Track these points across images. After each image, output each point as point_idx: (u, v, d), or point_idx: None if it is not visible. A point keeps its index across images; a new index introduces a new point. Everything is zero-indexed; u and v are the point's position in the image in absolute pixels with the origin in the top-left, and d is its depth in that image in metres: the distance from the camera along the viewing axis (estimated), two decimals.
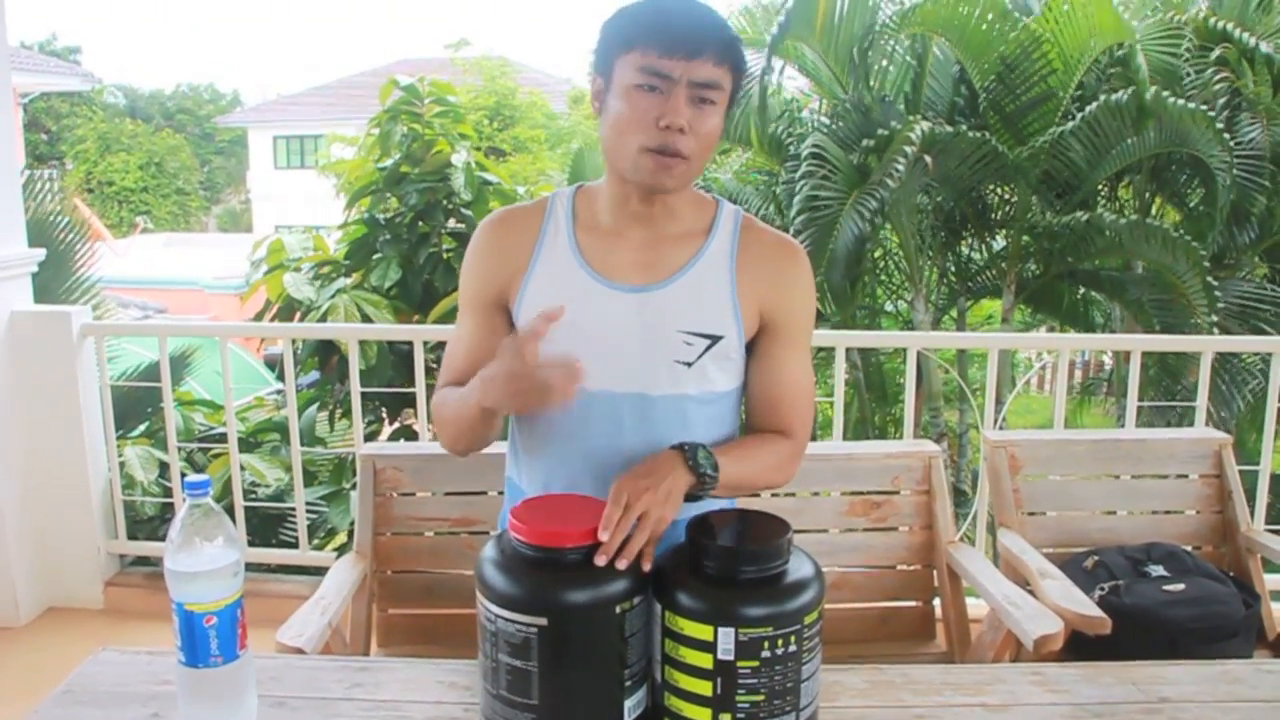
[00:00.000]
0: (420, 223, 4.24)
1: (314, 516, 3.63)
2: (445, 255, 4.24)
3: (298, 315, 4.05)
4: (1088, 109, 5.83)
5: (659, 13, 1.32)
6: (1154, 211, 6.81)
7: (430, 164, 4.21)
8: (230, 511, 3.33)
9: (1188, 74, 6.08)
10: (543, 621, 1.12)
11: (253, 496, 3.59)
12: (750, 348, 1.47)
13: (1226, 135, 5.57)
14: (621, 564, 1.16)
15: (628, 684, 1.17)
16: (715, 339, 1.40)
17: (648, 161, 1.32)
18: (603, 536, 1.17)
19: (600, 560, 1.15)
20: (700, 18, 1.32)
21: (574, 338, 1.39)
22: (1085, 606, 1.87)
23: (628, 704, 1.17)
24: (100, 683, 1.35)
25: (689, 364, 1.40)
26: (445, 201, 4.24)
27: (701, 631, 1.13)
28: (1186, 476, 2.44)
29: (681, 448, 1.32)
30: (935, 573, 2.22)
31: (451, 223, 4.29)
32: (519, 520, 1.18)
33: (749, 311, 1.43)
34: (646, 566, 1.18)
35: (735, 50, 1.33)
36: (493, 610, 1.15)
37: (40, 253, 3.28)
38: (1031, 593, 1.95)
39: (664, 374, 1.40)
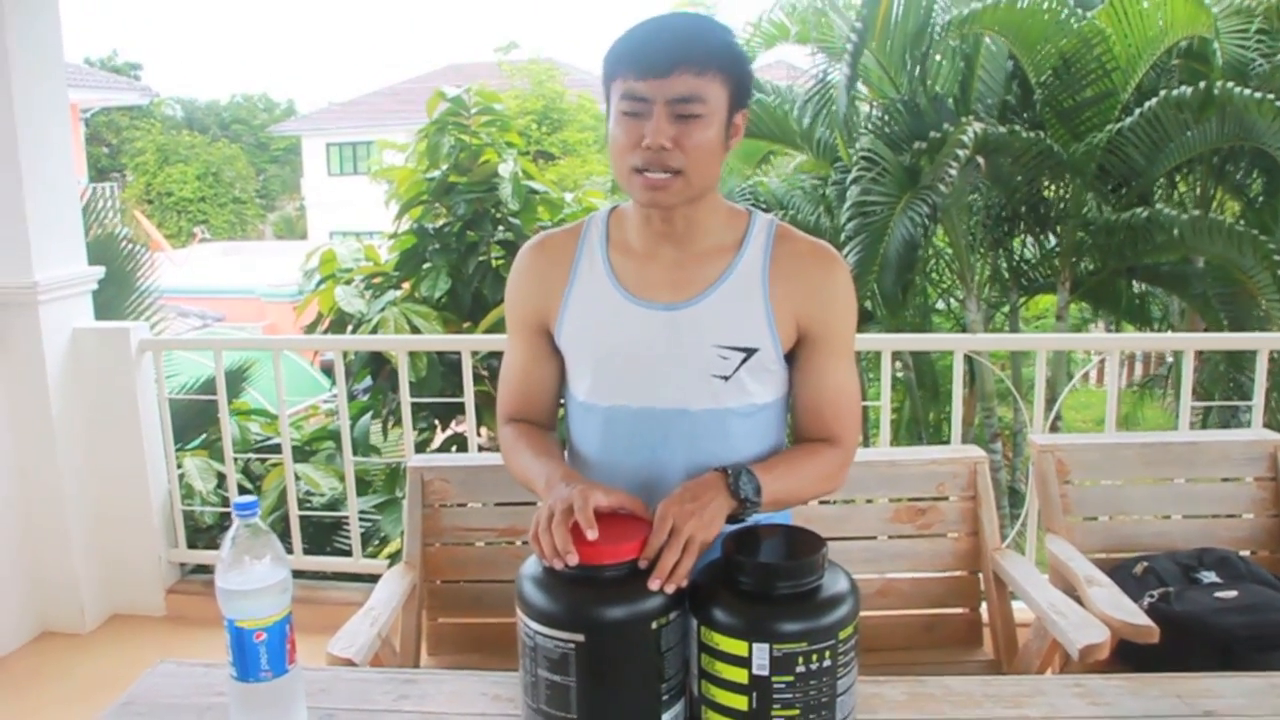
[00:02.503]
0: (469, 232, 4.28)
1: (367, 525, 3.69)
2: (495, 264, 4.28)
3: (349, 327, 4.12)
4: (1147, 104, 5.71)
5: (637, 38, 1.33)
6: (1215, 204, 6.67)
7: (478, 174, 4.26)
8: (285, 521, 3.40)
9: (1255, 63, 5.93)
10: (580, 638, 1.15)
11: (308, 505, 3.65)
12: (792, 358, 1.47)
13: None
14: (670, 588, 1.17)
15: (665, 698, 1.19)
16: (750, 351, 1.41)
17: (639, 181, 1.33)
18: (643, 564, 1.19)
19: (654, 584, 1.17)
20: (677, 33, 1.32)
21: (612, 357, 1.43)
22: (1133, 615, 1.84)
23: (665, 717, 1.19)
24: (158, 695, 1.40)
25: (726, 378, 1.41)
26: (494, 210, 4.28)
27: (736, 647, 1.14)
28: (1241, 479, 2.39)
29: (725, 471, 1.33)
30: (981, 579, 2.20)
31: (500, 231, 4.32)
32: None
33: (784, 323, 1.42)
34: (683, 583, 1.20)
35: (721, 56, 1.32)
36: (531, 626, 1.17)
37: (99, 271, 3.38)
38: (1079, 600, 1.94)
39: (702, 389, 1.41)
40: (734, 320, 1.41)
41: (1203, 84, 5.52)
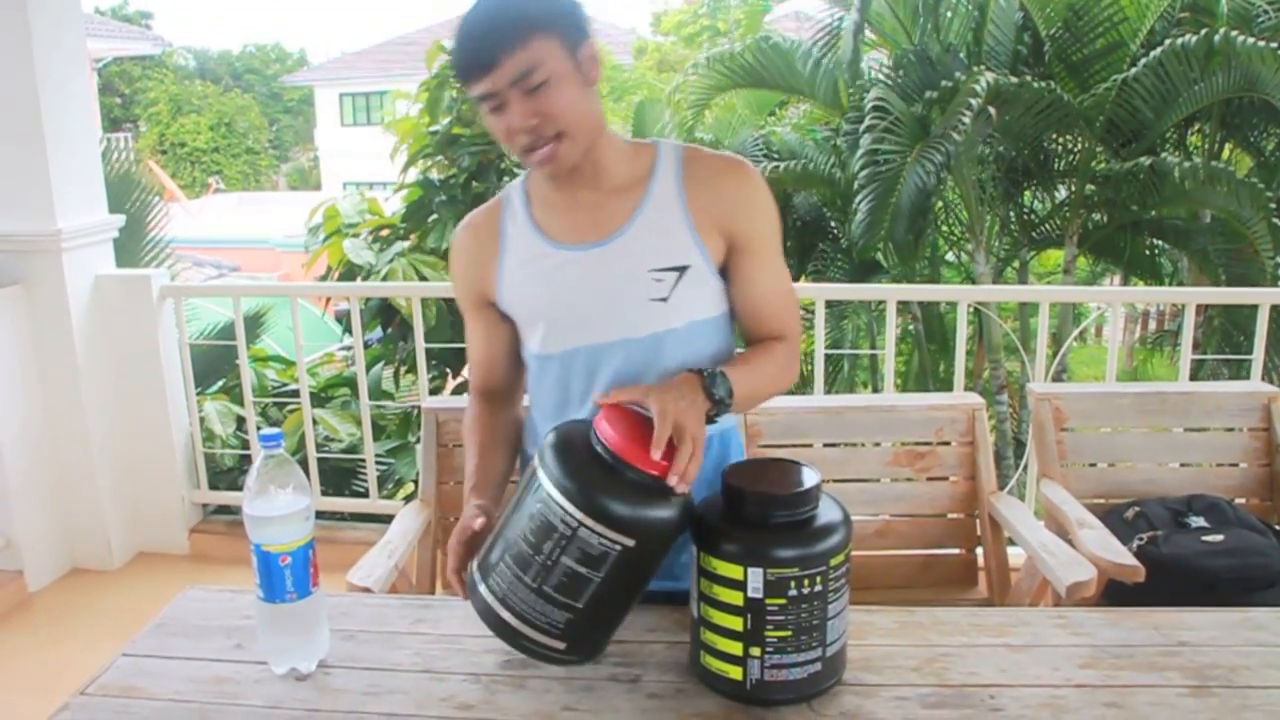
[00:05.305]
0: (475, 183, 4.31)
1: (383, 468, 3.77)
2: None
3: (359, 279, 4.18)
4: (1152, 54, 5.70)
5: (459, 45, 1.38)
6: (1225, 158, 6.64)
7: (480, 126, 4.27)
8: (304, 464, 3.49)
9: (1263, 14, 5.89)
10: (630, 542, 1.19)
11: (326, 450, 3.74)
12: (724, 271, 1.51)
13: None
14: (683, 488, 1.22)
15: None
16: (682, 269, 1.46)
17: (531, 159, 1.41)
18: (655, 455, 1.20)
19: (674, 482, 1.20)
20: (482, 24, 1.37)
21: (555, 303, 1.48)
22: (1120, 555, 1.91)
23: None
24: (189, 617, 1.49)
25: (665, 299, 1.46)
26: (498, 162, 4.31)
27: (733, 571, 1.21)
28: (1234, 429, 2.45)
29: (700, 372, 1.36)
30: (978, 521, 2.27)
31: (506, 181, 4.33)
32: (630, 442, 1.21)
33: (709, 236, 1.47)
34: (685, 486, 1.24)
35: (530, 17, 1.35)
36: (576, 517, 1.18)
37: (120, 219, 3.44)
38: (1071, 543, 2.00)
39: (643, 314, 1.46)
40: (661, 242, 1.46)
41: (1204, 31, 5.49)
